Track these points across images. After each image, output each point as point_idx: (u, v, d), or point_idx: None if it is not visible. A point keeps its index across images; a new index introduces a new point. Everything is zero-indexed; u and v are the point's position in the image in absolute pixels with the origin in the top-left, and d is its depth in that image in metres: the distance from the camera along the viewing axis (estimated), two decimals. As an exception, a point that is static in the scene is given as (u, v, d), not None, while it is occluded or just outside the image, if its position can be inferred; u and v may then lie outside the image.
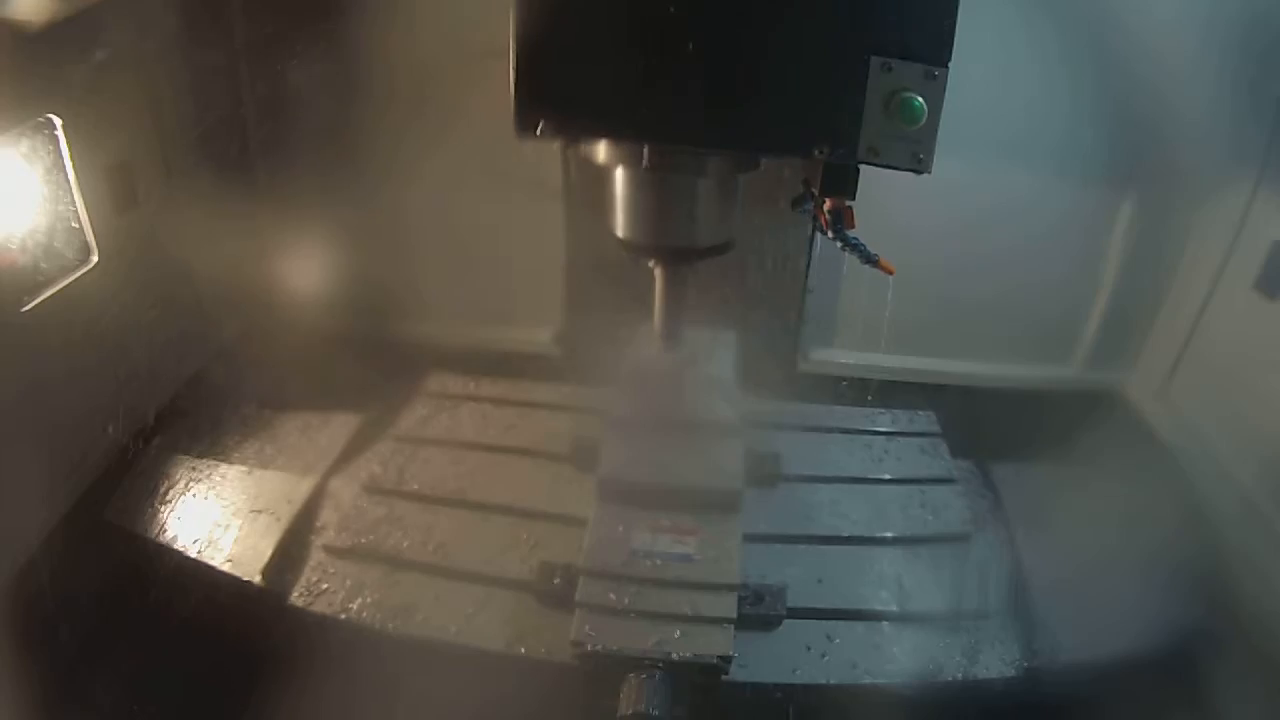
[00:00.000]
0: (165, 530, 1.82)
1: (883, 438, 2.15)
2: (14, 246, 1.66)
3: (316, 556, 1.75)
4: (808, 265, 2.27)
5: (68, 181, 1.77)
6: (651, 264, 1.52)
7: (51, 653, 1.60)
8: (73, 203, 1.79)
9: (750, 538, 1.69)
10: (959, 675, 1.60)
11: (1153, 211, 2.17)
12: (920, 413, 2.22)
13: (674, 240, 1.41)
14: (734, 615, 1.52)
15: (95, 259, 1.83)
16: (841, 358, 2.41)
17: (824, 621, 1.65)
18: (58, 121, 1.73)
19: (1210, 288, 2.10)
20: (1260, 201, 1.98)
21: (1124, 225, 2.21)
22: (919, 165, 1.16)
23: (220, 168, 2.24)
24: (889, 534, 1.86)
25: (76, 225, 1.80)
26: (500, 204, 2.21)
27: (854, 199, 1.29)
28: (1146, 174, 2.14)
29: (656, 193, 1.35)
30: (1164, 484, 1.95)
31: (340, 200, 2.21)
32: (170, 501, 1.89)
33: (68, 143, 1.74)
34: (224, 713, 1.61)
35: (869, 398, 2.30)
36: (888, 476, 2.02)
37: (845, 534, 1.85)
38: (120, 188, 1.95)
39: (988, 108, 1.94)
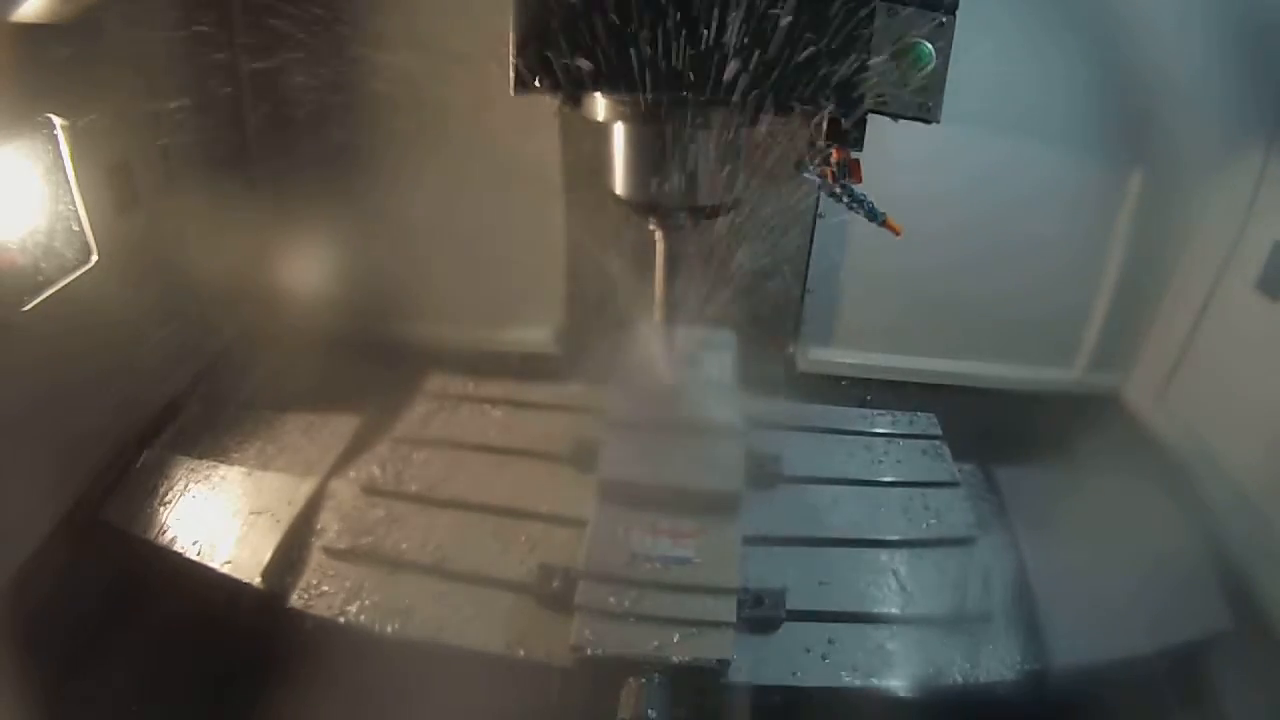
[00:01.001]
0: (165, 532, 1.82)
1: (884, 440, 2.13)
2: (15, 247, 1.66)
3: (316, 558, 1.74)
4: (807, 265, 2.27)
5: (67, 181, 1.77)
6: (651, 226, 1.48)
7: (51, 654, 1.59)
8: (73, 202, 1.79)
9: (751, 540, 1.69)
10: (960, 678, 1.59)
11: (1154, 213, 2.17)
12: (921, 415, 2.21)
13: (674, 199, 1.35)
14: (733, 619, 1.52)
15: (95, 259, 1.83)
16: (841, 358, 2.41)
17: (824, 624, 1.64)
18: (57, 121, 1.73)
19: (1211, 289, 2.09)
20: (1261, 203, 1.97)
21: (1126, 227, 2.21)
22: (927, 114, 1.13)
23: (220, 168, 2.24)
24: (891, 536, 1.85)
25: (76, 225, 1.80)
26: (501, 203, 2.21)
27: (861, 149, 1.26)
28: (1148, 176, 2.14)
29: (656, 149, 1.30)
30: (1165, 487, 1.94)
31: (340, 200, 2.21)
32: (170, 503, 1.88)
33: (67, 143, 1.74)
34: (223, 714, 1.60)
35: (868, 397, 2.29)
36: (889, 479, 2.01)
37: (847, 536, 1.84)
38: (120, 188, 1.95)
39: (990, 112, 1.95)
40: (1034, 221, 2.17)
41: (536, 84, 1.15)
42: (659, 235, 1.50)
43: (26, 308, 1.66)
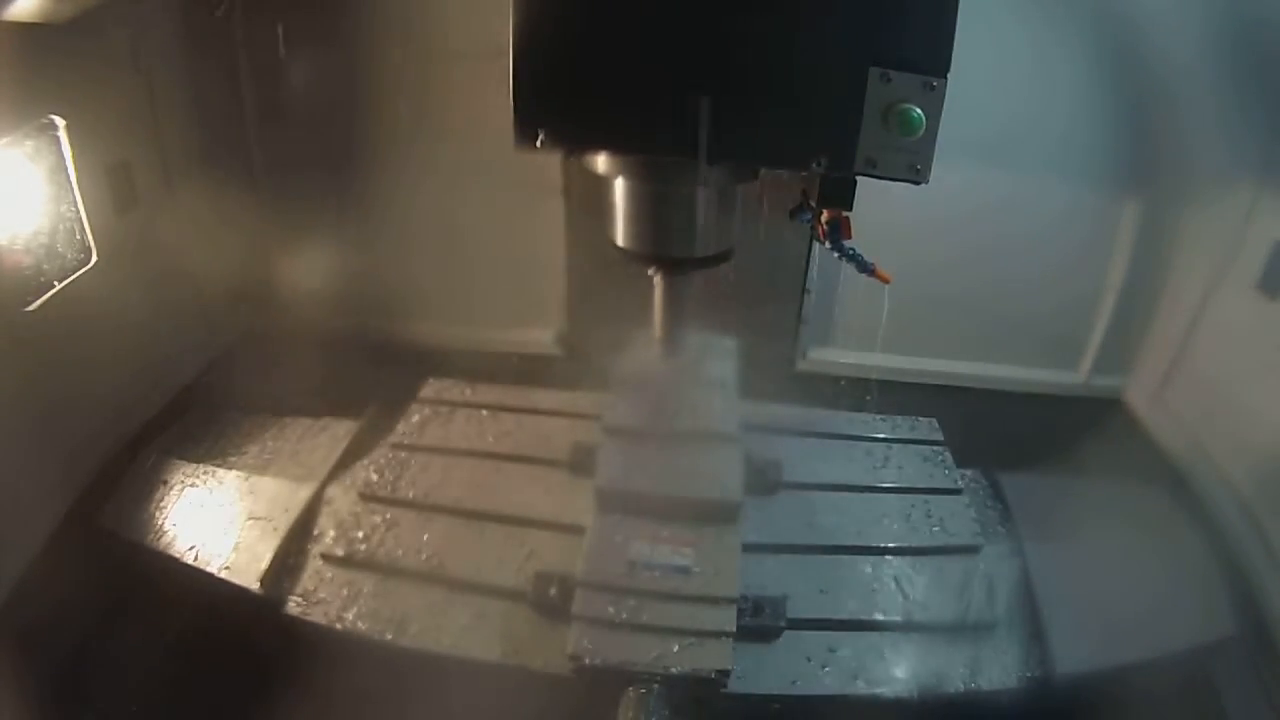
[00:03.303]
0: (162, 536, 1.81)
1: (885, 445, 2.11)
2: (19, 247, 1.65)
3: (313, 564, 1.74)
4: (806, 266, 2.25)
5: (69, 182, 1.77)
6: (651, 272, 1.50)
7: (48, 659, 1.59)
8: (74, 203, 1.78)
9: (751, 547, 1.68)
10: (963, 687, 1.58)
11: (1156, 213, 2.14)
12: (922, 420, 2.19)
13: (673, 250, 1.39)
14: (733, 629, 1.51)
15: (95, 259, 1.83)
16: (840, 357, 2.39)
17: (825, 633, 1.63)
18: (60, 122, 1.72)
19: (1214, 290, 2.08)
20: (1263, 202, 1.95)
21: (1128, 228, 2.18)
22: (916, 176, 1.14)
23: (220, 167, 2.23)
24: (893, 543, 1.83)
25: (77, 226, 1.79)
26: (501, 204, 2.20)
27: (851, 210, 1.29)
28: (1150, 175, 2.11)
29: (655, 204, 1.34)
30: (1169, 491, 1.93)
31: (340, 201, 2.20)
32: (167, 508, 1.88)
33: (69, 143, 1.73)
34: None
35: (868, 398, 2.28)
36: (891, 485, 1.99)
37: (848, 543, 1.82)
38: (120, 188, 1.95)
39: (991, 112, 1.92)
40: (1035, 221, 2.15)
41: (538, 143, 1.15)
42: (658, 280, 1.52)
43: (30, 308, 1.66)
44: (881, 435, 2.14)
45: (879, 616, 1.67)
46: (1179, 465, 2.03)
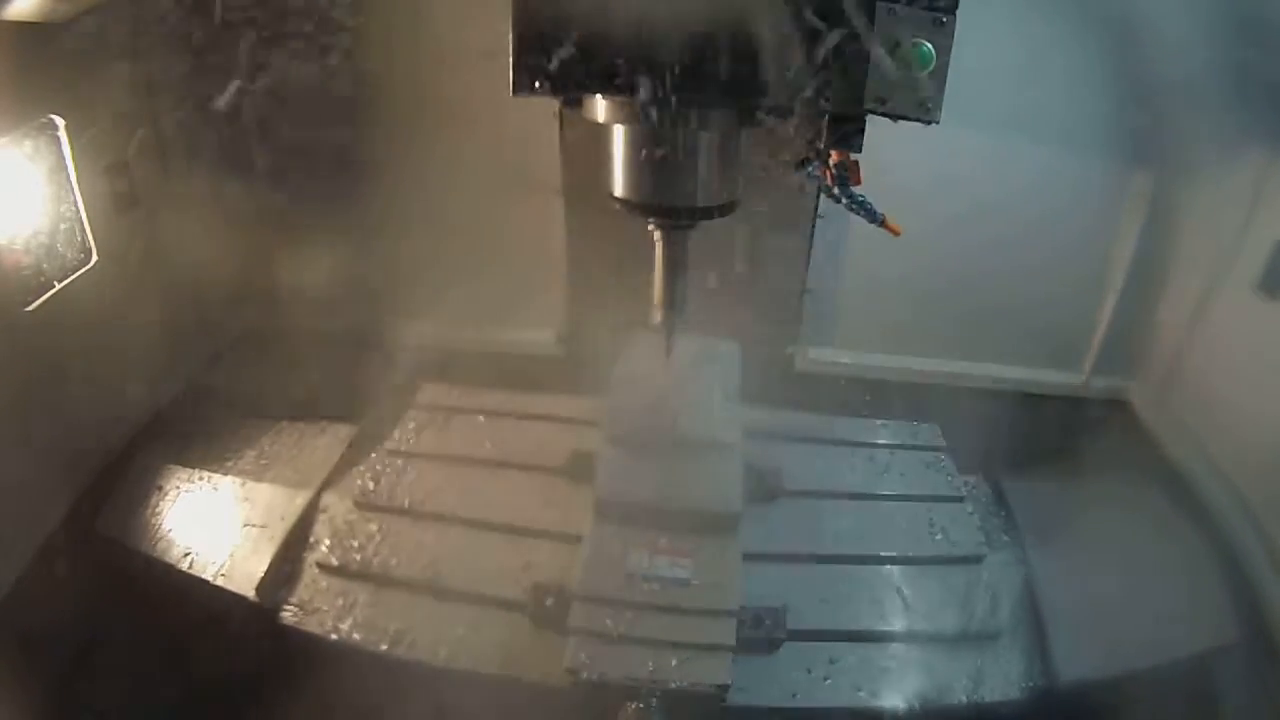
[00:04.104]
0: (157, 543, 1.80)
1: (886, 451, 2.08)
2: (19, 247, 1.64)
3: (309, 573, 1.73)
4: (806, 265, 2.23)
5: (69, 182, 1.76)
6: (651, 226, 1.45)
7: (44, 665, 1.59)
8: (74, 203, 1.78)
9: (751, 556, 1.66)
10: (965, 698, 1.57)
11: (1156, 215, 2.14)
12: (924, 426, 2.16)
13: (674, 199, 1.33)
14: (732, 642, 1.49)
15: (95, 259, 1.82)
16: (840, 358, 2.39)
17: (826, 644, 1.61)
18: (60, 122, 1.71)
19: (1215, 290, 2.07)
20: (1263, 202, 1.94)
21: (1128, 230, 2.17)
22: (926, 114, 1.11)
23: (220, 168, 2.22)
24: (894, 552, 1.81)
25: (77, 226, 1.79)
26: (501, 204, 2.19)
27: (860, 151, 1.24)
28: (1150, 176, 2.10)
29: (655, 150, 1.27)
30: (1172, 495, 1.92)
31: (340, 201, 2.19)
32: (162, 514, 1.87)
33: (69, 143, 1.73)
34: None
35: (867, 398, 2.26)
36: (892, 493, 1.96)
37: (849, 552, 1.80)
38: (120, 188, 1.94)
39: (990, 114, 1.90)
40: (1036, 222, 2.14)
41: (536, 86, 1.13)
42: (658, 236, 1.48)
43: (30, 308, 1.65)
44: (883, 441, 2.11)
45: (880, 626, 1.66)
46: (1181, 467, 2.02)
